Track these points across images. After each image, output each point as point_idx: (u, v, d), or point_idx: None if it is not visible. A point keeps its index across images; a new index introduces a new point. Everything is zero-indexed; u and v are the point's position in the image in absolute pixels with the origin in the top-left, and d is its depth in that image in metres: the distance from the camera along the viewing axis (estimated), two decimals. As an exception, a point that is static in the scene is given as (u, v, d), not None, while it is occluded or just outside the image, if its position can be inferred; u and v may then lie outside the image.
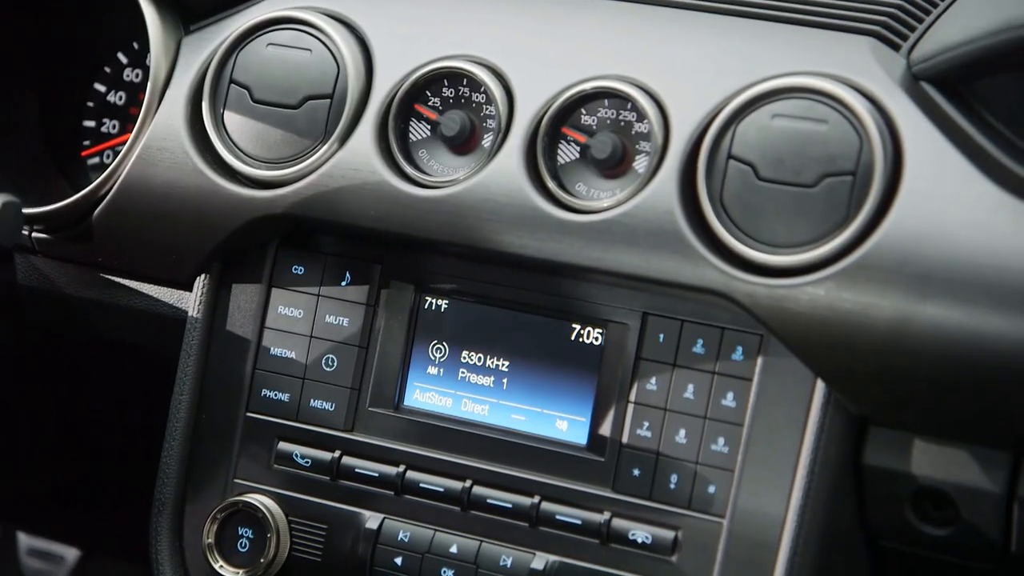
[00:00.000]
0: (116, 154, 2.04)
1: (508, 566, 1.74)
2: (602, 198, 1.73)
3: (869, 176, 1.61)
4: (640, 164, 1.73)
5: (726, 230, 1.66)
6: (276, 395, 1.86)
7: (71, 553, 2.94)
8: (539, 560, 1.74)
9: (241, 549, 1.84)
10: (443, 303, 1.81)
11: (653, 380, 1.72)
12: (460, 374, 1.81)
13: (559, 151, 1.76)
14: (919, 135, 1.62)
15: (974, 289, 1.55)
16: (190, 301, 1.90)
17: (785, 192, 1.64)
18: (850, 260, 1.60)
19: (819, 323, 1.60)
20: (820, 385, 1.64)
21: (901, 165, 1.61)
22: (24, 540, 2.94)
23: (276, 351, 1.86)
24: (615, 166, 1.73)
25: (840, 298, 1.59)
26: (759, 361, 1.67)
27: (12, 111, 2.12)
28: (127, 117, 2.12)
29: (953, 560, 1.67)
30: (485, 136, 1.79)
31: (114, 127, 2.13)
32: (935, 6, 1.74)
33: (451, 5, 1.86)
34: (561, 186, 1.74)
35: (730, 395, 1.68)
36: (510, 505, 1.75)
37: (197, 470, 1.89)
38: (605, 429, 1.74)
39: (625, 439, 1.72)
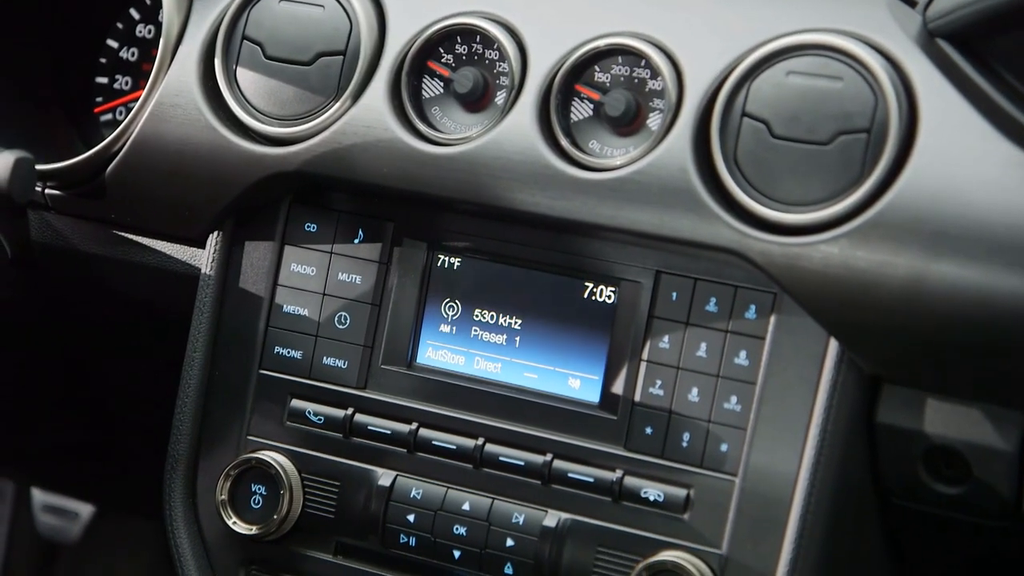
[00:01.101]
0: (128, 111, 2.04)
1: (520, 523, 1.75)
2: (615, 156, 1.72)
3: (884, 134, 1.60)
4: (653, 122, 1.72)
5: (740, 188, 1.65)
6: (289, 352, 1.86)
7: (85, 509, 2.95)
8: (551, 518, 1.74)
9: (254, 506, 1.85)
10: (456, 261, 1.81)
11: (666, 338, 1.71)
12: (473, 332, 1.80)
13: (572, 108, 1.75)
14: (934, 92, 1.61)
15: (989, 247, 1.54)
16: (203, 258, 1.90)
17: (799, 150, 1.63)
18: (864, 218, 1.59)
19: (833, 281, 1.60)
20: (833, 343, 1.64)
21: (916, 123, 1.60)
22: (39, 496, 2.95)
23: (289, 308, 1.87)
24: (628, 123, 1.73)
25: (854, 256, 1.59)
26: (772, 319, 1.67)
27: (25, 68, 2.12)
28: (139, 73, 2.12)
29: (965, 518, 1.67)
30: (498, 93, 1.79)
31: (126, 83, 2.13)
32: (951, -38, 1.73)
33: (464, -38, 1.86)
34: (574, 143, 1.74)
35: (743, 353, 1.68)
36: (522, 463, 1.76)
37: (210, 427, 1.90)
38: (617, 387, 1.74)
39: (637, 397, 1.72)
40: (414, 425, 1.80)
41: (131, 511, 2.91)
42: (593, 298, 1.76)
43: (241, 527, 1.84)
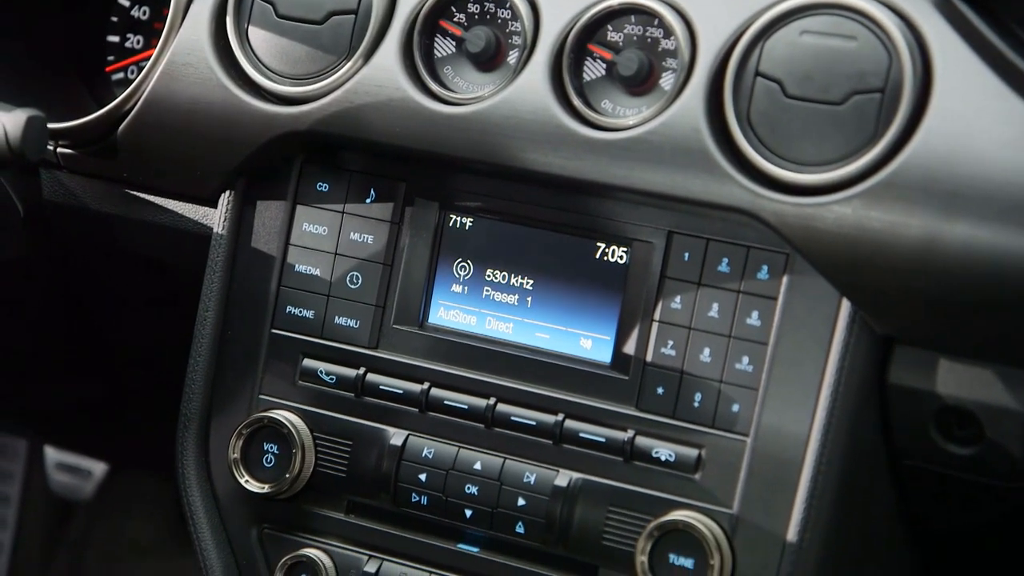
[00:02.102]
0: (140, 69, 2.04)
1: (532, 483, 1.75)
2: (628, 116, 1.72)
3: (898, 93, 1.59)
4: (666, 81, 1.71)
5: (753, 148, 1.65)
6: (301, 312, 1.86)
7: (98, 467, 2.97)
8: (562, 477, 1.74)
9: (266, 464, 1.85)
10: (468, 221, 1.81)
11: (678, 299, 1.71)
12: (484, 292, 1.80)
13: (585, 68, 1.75)
14: (949, 52, 1.60)
15: (1003, 208, 1.54)
16: (215, 217, 1.90)
17: (813, 110, 1.62)
18: (877, 178, 1.59)
19: (846, 242, 1.59)
20: (846, 304, 1.64)
21: (930, 82, 1.59)
22: (52, 454, 2.97)
23: (301, 268, 1.87)
24: (641, 83, 1.72)
25: (867, 216, 1.58)
26: (784, 280, 1.67)
27: (37, 27, 2.12)
28: (151, 32, 2.11)
29: (977, 479, 1.67)
30: (510, 53, 1.78)
31: (138, 42, 2.12)
32: (966, -81, 1.71)
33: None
34: (587, 103, 1.73)
35: (755, 314, 1.68)
36: (534, 422, 1.76)
37: (222, 386, 1.90)
38: (629, 347, 1.74)
39: (649, 357, 1.72)
40: (426, 385, 1.80)
41: (144, 469, 2.92)
42: (605, 258, 1.76)
43: (253, 485, 1.85)
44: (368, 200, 1.84)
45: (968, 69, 1.59)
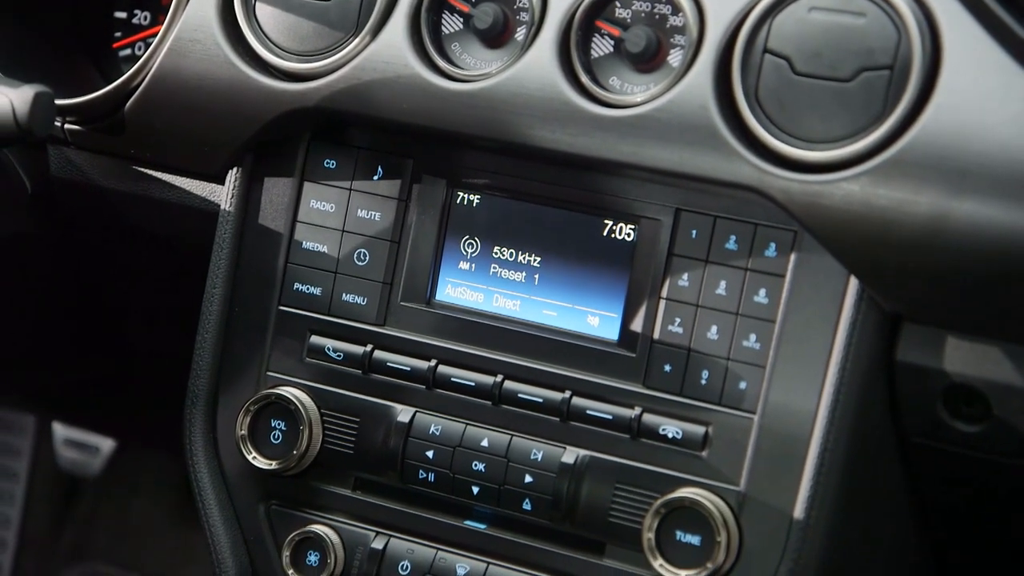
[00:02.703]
0: (147, 46, 2.03)
1: (539, 460, 1.75)
2: (636, 92, 1.71)
3: (907, 70, 1.59)
4: (674, 58, 1.71)
5: (761, 125, 1.64)
6: (308, 289, 1.86)
7: (106, 444, 2.97)
8: (570, 454, 1.74)
9: (274, 441, 1.86)
10: (475, 198, 1.81)
11: (685, 276, 1.71)
12: (492, 269, 1.80)
13: (592, 45, 1.74)
14: (958, 28, 1.59)
15: (1012, 185, 1.53)
16: (222, 194, 1.90)
17: (821, 87, 1.62)
18: (886, 156, 1.58)
19: (853, 219, 1.59)
20: (853, 282, 1.64)
21: (939, 59, 1.59)
22: (60, 431, 2.97)
23: (308, 245, 1.87)
24: (649, 60, 1.72)
25: (875, 194, 1.58)
26: (792, 257, 1.67)
27: (44, 3, 2.11)
28: (158, 8, 2.11)
29: (983, 456, 1.67)
30: (518, 29, 1.78)
31: (145, 18, 2.12)
32: None
33: None
34: (594, 80, 1.73)
35: (762, 291, 1.68)
36: (541, 400, 1.76)
37: (230, 363, 1.90)
38: (636, 325, 1.73)
39: (656, 335, 1.72)
40: (433, 362, 1.80)
41: (152, 446, 2.93)
42: (613, 235, 1.75)
43: (261, 462, 1.85)
44: (375, 177, 1.84)
45: (977, 46, 1.58)
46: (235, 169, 1.89)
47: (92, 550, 3.02)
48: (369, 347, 1.83)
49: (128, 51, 2.12)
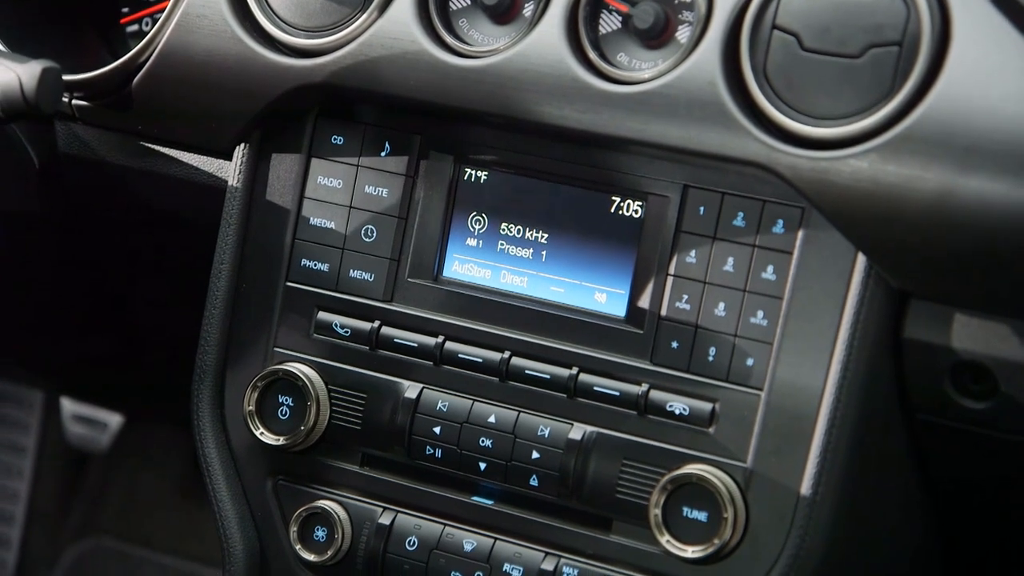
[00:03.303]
0: (155, 21, 2.03)
1: (546, 436, 1.75)
2: (643, 69, 1.71)
3: (916, 47, 1.58)
4: (682, 34, 1.70)
5: (769, 102, 1.64)
6: (316, 265, 1.86)
7: (114, 419, 2.98)
8: (577, 430, 1.75)
9: (281, 417, 1.86)
10: (483, 174, 1.81)
11: (693, 253, 1.71)
12: (499, 246, 1.80)
13: (600, 21, 1.74)
14: (967, 4, 1.59)
15: (1020, 161, 1.53)
16: (230, 170, 1.90)
17: (829, 63, 1.61)
18: (894, 132, 1.58)
19: (861, 196, 1.59)
20: (861, 258, 1.63)
21: (948, 35, 1.58)
22: (68, 406, 2.98)
23: (316, 221, 1.87)
24: (657, 36, 1.71)
25: (883, 171, 1.58)
26: (800, 234, 1.66)
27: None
28: (166, -16, 2.11)
29: (991, 433, 1.67)
30: (526, 5, 1.77)
31: (153, -6, 2.12)
32: None
33: None
34: (602, 56, 1.73)
35: (770, 268, 1.68)
36: (548, 376, 1.76)
37: (238, 339, 1.90)
38: (644, 301, 1.73)
39: (664, 311, 1.72)
40: (440, 338, 1.80)
41: (160, 422, 2.93)
42: (620, 212, 1.75)
43: (268, 437, 1.86)
44: (383, 153, 1.84)
45: (986, 22, 1.58)
46: (242, 145, 1.89)
47: (100, 525, 3.03)
48: (376, 323, 1.83)
49: (135, 27, 2.12)
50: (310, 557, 1.85)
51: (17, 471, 3.02)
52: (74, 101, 1.98)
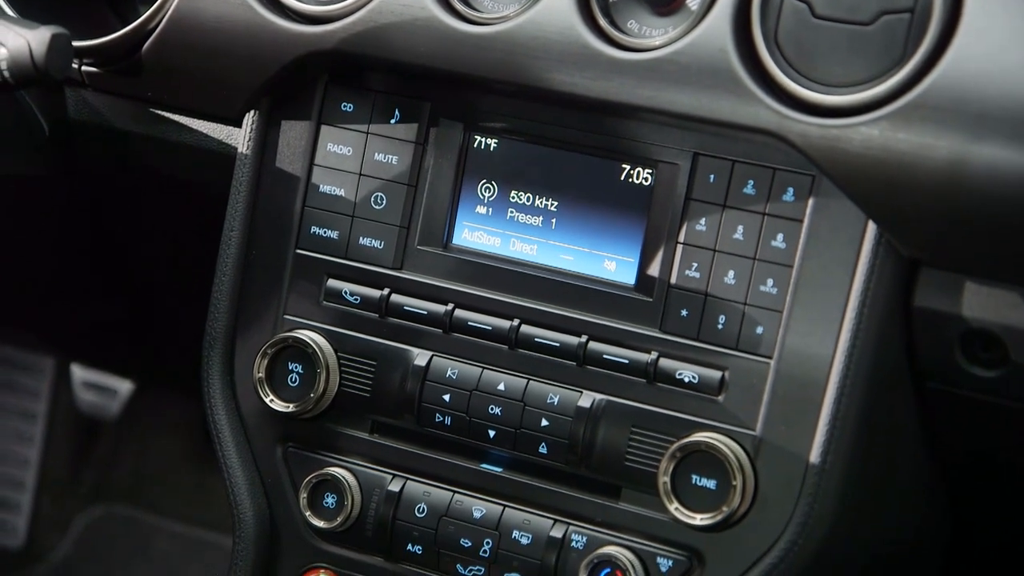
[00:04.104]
0: (164, -12, 2.03)
1: (555, 404, 1.76)
2: (654, 36, 1.71)
3: (927, 13, 1.58)
4: (693, 1, 1.70)
5: (780, 69, 1.63)
6: (325, 232, 1.86)
7: (124, 386, 2.99)
8: (586, 398, 1.75)
9: (291, 384, 1.86)
10: (492, 142, 1.81)
11: (703, 221, 1.71)
12: (509, 213, 1.80)
13: (611, -13, 1.73)
14: (980, -29, 1.58)
15: (1032, 129, 1.53)
16: (239, 137, 1.90)
17: (841, 30, 1.61)
18: (906, 100, 1.57)
19: (872, 164, 1.58)
20: (871, 226, 1.63)
21: (960, 2, 1.57)
22: (78, 373, 2.99)
23: (325, 188, 1.86)
24: (668, 3, 1.71)
25: (895, 138, 1.57)
26: (810, 202, 1.66)
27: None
28: (176, -50, 2.10)
29: (1000, 402, 1.67)
30: (537, -28, 1.77)
31: (163, -40, 2.11)
32: None
33: None
34: (613, 23, 1.72)
35: (780, 236, 1.67)
36: (558, 344, 1.76)
37: (247, 306, 1.91)
38: (653, 269, 1.73)
39: (673, 279, 1.72)
40: (450, 306, 1.80)
41: (170, 389, 2.94)
42: (630, 180, 1.75)
43: (278, 405, 1.86)
44: (392, 120, 1.84)
45: (999, -12, 1.57)
46: (252, 112, 1.89)
47: (111, 491, 3.04)
48: (386, 291, 1.83)
49: (145, -8, 2.11)
50: (320, 523, 1.85)
51: (28, 438, 3.03)
52: (84, 67, 1.98)
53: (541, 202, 1.79)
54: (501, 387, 1.78)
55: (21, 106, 2.00)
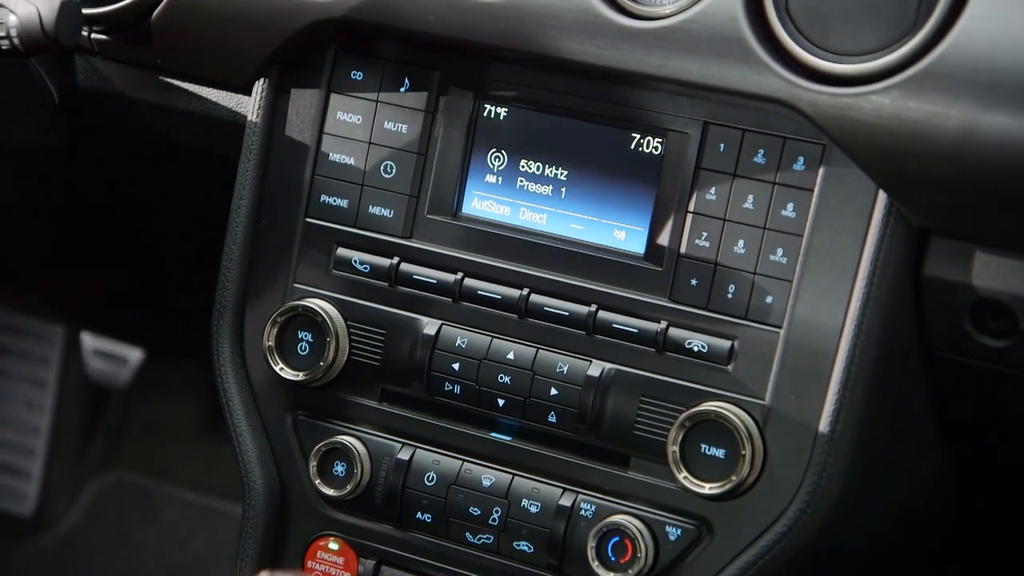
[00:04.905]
0: (174, -45, 2.02)
1: (564, 373, 1.76)
2: (664, 4, 1.70)
3: (939, -19, 1.57)
4: (704, -31, 1.69)
5: (791, 37, 1.63)
6: (335, 201, 1.86)
7: (134, 354, 2.99)
8: (595, 368, 1.75)
9: (301, 352, 1.86)
10: (502, 111, 1.80)
11: (713, 190, 1.70)
12: (519, 182, 1.80)
13: (622, -45, 1.73)
14: (992, -62, 1.57)
15: (1044, 98, 1.52)
16: (249, 105, 1.90)
17: (853, -2, 1.60)
18: (917, 68, 1.57)
19: (883, 133, 1.58)
20: (882, 196, 1.63)
21: (973, -30, 1.57)
22: (89, 341, 2.99)
23: (335, 157, 1.86)
24: (679, -29, 1.70)
25: (906, 107, 1.57)
26: (820, 171, 1.66)
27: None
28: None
29: (1010, 371, 1.67)
30: (547, -60, 1.76)
31: (171, -73, 2.10)
32: None
33: None
34: (623, -9, 1.71)
35: (790, 206, 1.67)
36: (567, 313, 1.76)
37: (257, 274, 1.91)
38: (663, 239, 1.73)
39: (683, 249, 1.72)
40: (459, 275, 1.80)
41: (180, 357, 2.95)
42: (640, 149, 1.75)
43: (288, 373, 1.86)
44: (402, 89, 1.84)
45: (1012, -44, 1.56)
46: (262, 80, 1.88)
47: (121, 459, 3.05)
48: (395, 259, 1.83)
49: (154, -40, 2.11)
50: (329, 491, 1.86)
51: (38, 405, 3.04)
52: (93, 35, 1.98)
53: (551, 171, 1.79)
54: (510, 356, 1.78)
55: (31, 74, 1.99)
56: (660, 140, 1.74)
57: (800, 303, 1.66)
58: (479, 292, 1.80)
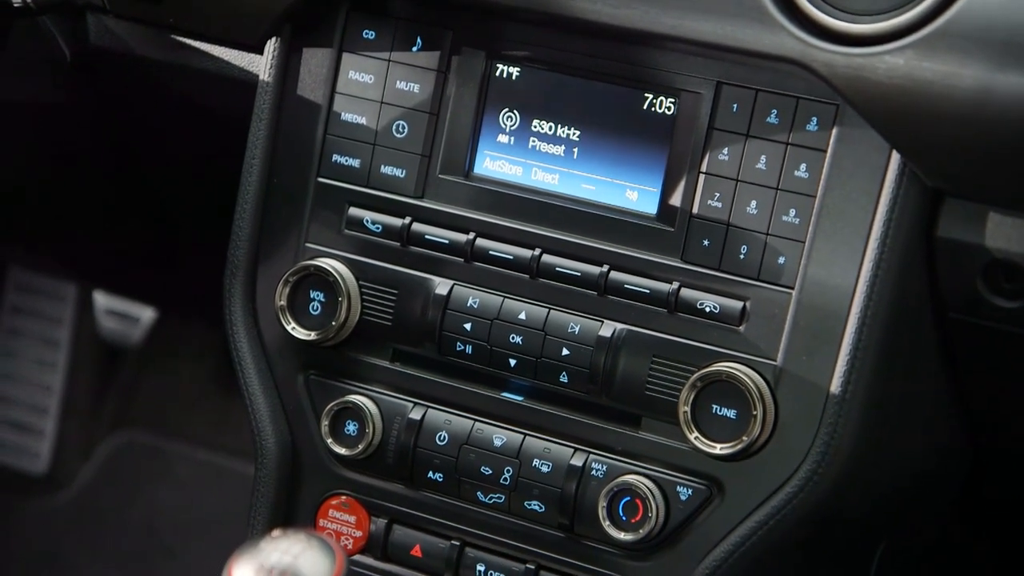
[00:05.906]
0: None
1: (576, 333, 1.76)
2: (679, -37, 1.69)
3: (955, -60, 1.56)
4: (718, -72, 1.68)
5: (805, -3, 1.62)
6: (347, 160, 1.86)
7: (147, 314, 3.00)
8: (607, 328, 1.75)
9: (313, 312, 1.87)
10: (515, 71, 1.80)
11: (725, 150, 1.70)
12: (531, 143, 1.80)
13: (635, -86, 1.72)
14: None
15: (1059, 58, 1.52)
16: (261, 64, 1.89)
17: (867, -43, 1.60)
18: (931, 28, 1.56)
19: (897, 93, 1.57)
20: (895, 156, 1.62)
21: (988, -72, 1.56)
22: (101, 300, 3.00)
23: (347, 116, 1.86)
24: (692, -70, 1.69)
25: (920, 67, 1.56)
26: (834, 132, 1.65)
27: None
28: None
29: (1022, 332, 1.67)
30: (560, -102, 1.75)
31: None
32: None
33: None
34: (637, -50, 1.71)
35: (803, 166, 1.67)
36: (579, 273, 1.76)
37: (269, 234, 1.91)
38: (675, 199, 1.73)
39: (695, 209, 1.71)
40: (471, 235, 1.80)
41: (192, 316, 2.95)
42: (652, 109, 1.74)
43: (300, 332, 1.86)
44: (414, 48, 1.83)
45: (1028, -86, 1.55)
46: (274, 39, 1.88)
47: (133, 418, 3.06)
48: (407, 219, 1.83)
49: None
50: (341, 451, 1.86)
51: (51, 364, 3.05)
52: (105, -8, 1.98)
53: (563, 131, 1.78)
54: (522, 316, 1.78)
55: (42, 32, 1.99)
56: (673, 100, 1.73)
57: (812, 264, 1.66)
58: (491, 252, 1.80)
